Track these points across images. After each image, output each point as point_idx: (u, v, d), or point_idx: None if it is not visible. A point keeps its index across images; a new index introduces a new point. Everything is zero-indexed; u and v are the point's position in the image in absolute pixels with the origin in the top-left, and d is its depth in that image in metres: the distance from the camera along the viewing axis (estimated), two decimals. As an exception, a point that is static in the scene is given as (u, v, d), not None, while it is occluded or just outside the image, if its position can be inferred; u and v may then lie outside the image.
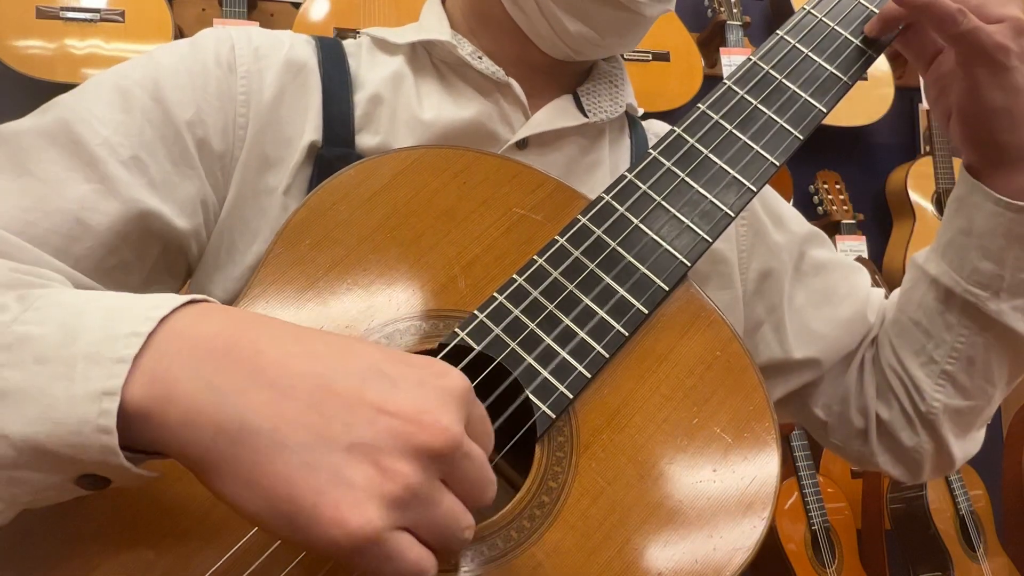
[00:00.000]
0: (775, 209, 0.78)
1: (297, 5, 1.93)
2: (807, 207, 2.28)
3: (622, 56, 0.76)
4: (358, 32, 0.72)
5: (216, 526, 0.44)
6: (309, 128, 0.63)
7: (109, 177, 0.56)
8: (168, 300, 0.40)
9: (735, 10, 2.17)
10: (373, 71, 0.68)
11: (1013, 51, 0.60)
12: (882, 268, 2.33)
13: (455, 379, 0.39)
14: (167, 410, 0.37)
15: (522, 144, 0.67)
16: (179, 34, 1.85)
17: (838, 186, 2.30)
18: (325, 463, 0.36)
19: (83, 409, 0.36)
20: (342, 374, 0.38)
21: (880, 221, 2.40)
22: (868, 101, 2.22)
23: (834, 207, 2.25)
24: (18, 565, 0.42)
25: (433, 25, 0.69)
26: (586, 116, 0.70)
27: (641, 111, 0.77)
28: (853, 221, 2.24)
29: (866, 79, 2.02)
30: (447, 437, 0.37)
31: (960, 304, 0.70)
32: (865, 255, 2.22)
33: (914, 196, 2.30)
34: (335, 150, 0.63)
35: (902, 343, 0.74)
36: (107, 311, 0.39)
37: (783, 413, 0.81)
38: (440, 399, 0.38)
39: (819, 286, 0.78)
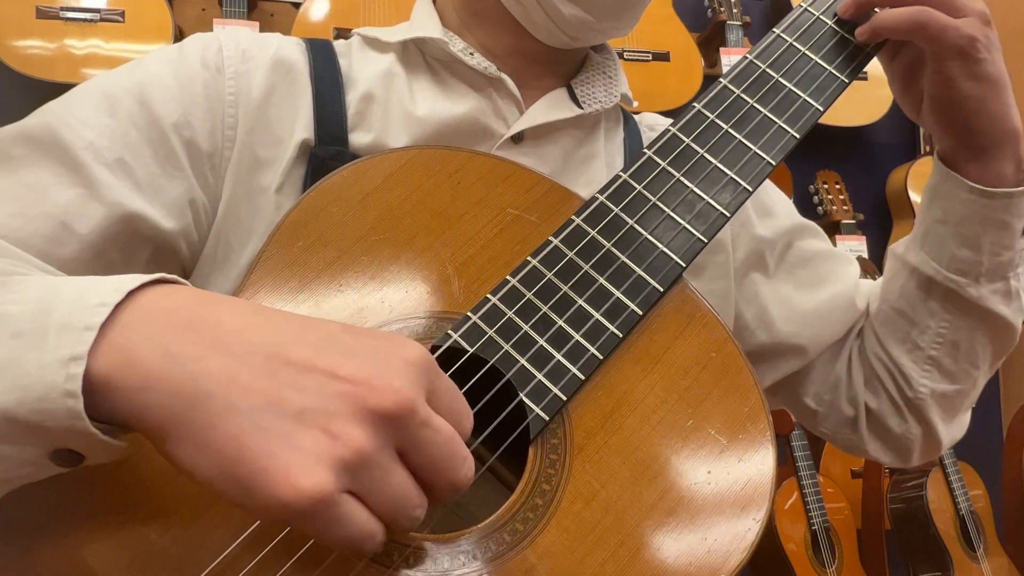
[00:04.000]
0: (763, 201, 0.78)
1: (297, 5, 1.93)
2: (807, 207, 2.27)
3: (620, 56, 0.76)
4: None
5: (213, 523, 0.44)
6: (300, 127, 0.63)
7: (94, 181, 0.56)
8: (138, 277, 0.41)
9: (735, 10, 2.17)
10: (364, 69, 0.68)
11: (982, 42, 0.61)
12: (882, 268, 2.33)
13: (413, 349, 0.39)
14: (126, 376, 0.37)
15: (517, 138, 0.67)
16: (179, 34, 1.84)
17: (838, 186, 2.29)
18: (276, 427, 0.36)
19: (51, 375, 0.37)
20: (298, 343, 0.38)
21: (880, 221, 2.40)
22: (868, 101, 2.21)
23: (834, 207, 2.25)
24: (11, 556, 0.42)
25: (425, 23, 0.69)
26: (580, 107, 0.70)
27: (635, 104, 0.77)
28: (853, 221, 2.24)
29: (866, 79, 2.02)
30: (398, 399, 0.37)
31: (942, 291, 0.71)
32: (865, 255, 2.22)
33: (914, 196, 2.29)
34: (328, 149, 0.63)
35: (886, 332, 0.76)
36: (81, 288, 0.40)
37: (774, 401, 0.82)
38: (394, 365, 0.38)
39: (806, 276, 0.79)
